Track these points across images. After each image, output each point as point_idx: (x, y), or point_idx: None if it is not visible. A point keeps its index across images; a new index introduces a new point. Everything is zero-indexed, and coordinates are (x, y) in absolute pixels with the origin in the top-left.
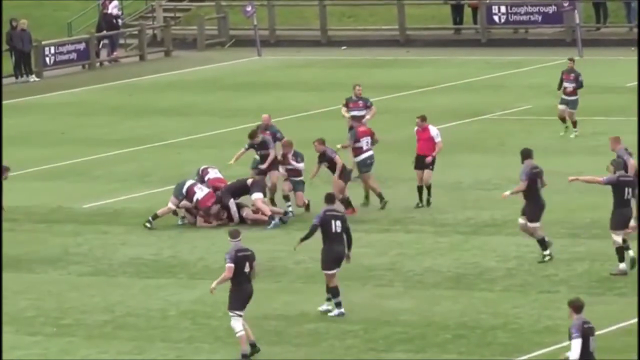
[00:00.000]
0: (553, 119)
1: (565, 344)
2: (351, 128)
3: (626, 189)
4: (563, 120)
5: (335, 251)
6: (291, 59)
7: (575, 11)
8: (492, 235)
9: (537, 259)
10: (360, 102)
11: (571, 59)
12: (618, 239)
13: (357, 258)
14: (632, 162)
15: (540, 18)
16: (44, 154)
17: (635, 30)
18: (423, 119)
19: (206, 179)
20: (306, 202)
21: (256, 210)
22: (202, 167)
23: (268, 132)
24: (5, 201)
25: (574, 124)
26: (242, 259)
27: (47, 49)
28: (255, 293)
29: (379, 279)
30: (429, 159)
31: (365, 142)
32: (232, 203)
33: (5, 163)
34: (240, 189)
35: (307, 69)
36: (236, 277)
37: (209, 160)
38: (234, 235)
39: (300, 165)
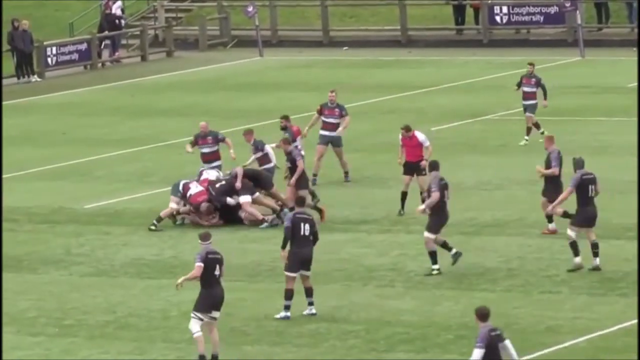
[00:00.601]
0: (553, 119)
1: (567, 343)
2: (285, 128)
3: (590, 187)
4: (537, 126)
5: (301, 253)
6: (293, 60)
7: (577, 12)
8: (494, 236)
9: (539, 259)
10: (337, 110)
11: (531, 64)
12: (573, 234)
13: (358, 258)
14: (553, 166)
15: (542, 18)
16: (46, 154)
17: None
18: (407, 129)
19: (200, 179)
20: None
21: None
22: (200, 169)
23: (210, 137)
24: (7, 201)
25: (528, 130)
26: (212, 261)
27: (48, 49)
28: (256, 293)
29: (380, 280)
30: (423, 163)
31: (300, 142)
32: (229, 200)
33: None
34: (230, 191)
35: (309, 69)
36: (207, 279)
37: None
38: (204, 238)
39: (258, 155)
